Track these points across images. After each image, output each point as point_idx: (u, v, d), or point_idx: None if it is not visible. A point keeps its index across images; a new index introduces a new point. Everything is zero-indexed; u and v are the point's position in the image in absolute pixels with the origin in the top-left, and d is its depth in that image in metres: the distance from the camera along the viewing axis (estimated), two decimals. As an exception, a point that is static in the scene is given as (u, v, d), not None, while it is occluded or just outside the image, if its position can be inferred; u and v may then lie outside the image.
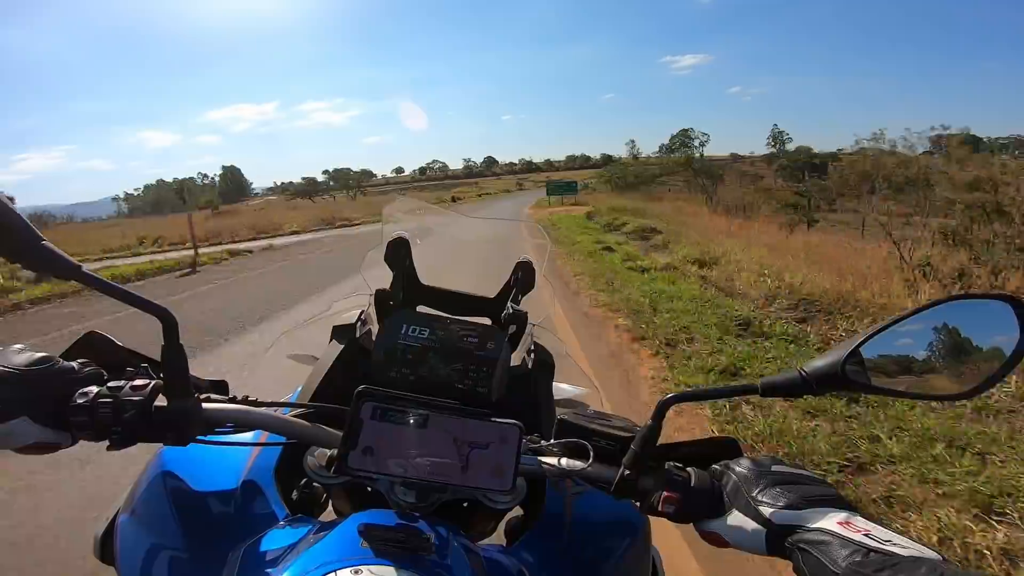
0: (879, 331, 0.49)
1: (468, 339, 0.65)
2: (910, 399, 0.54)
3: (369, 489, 0.62)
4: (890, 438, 2.49)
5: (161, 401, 0.51)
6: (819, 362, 0.50)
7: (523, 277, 0.80)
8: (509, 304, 0.78)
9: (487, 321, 0.79)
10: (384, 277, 0.78)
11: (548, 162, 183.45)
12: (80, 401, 0.49)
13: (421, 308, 0.80)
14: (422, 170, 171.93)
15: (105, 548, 0.65)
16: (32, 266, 0.47)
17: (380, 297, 0.74)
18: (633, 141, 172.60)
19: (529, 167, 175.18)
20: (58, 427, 0.50)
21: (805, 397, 0.54)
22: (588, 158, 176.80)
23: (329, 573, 0.41)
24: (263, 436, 0.63)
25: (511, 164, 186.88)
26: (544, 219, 18.52)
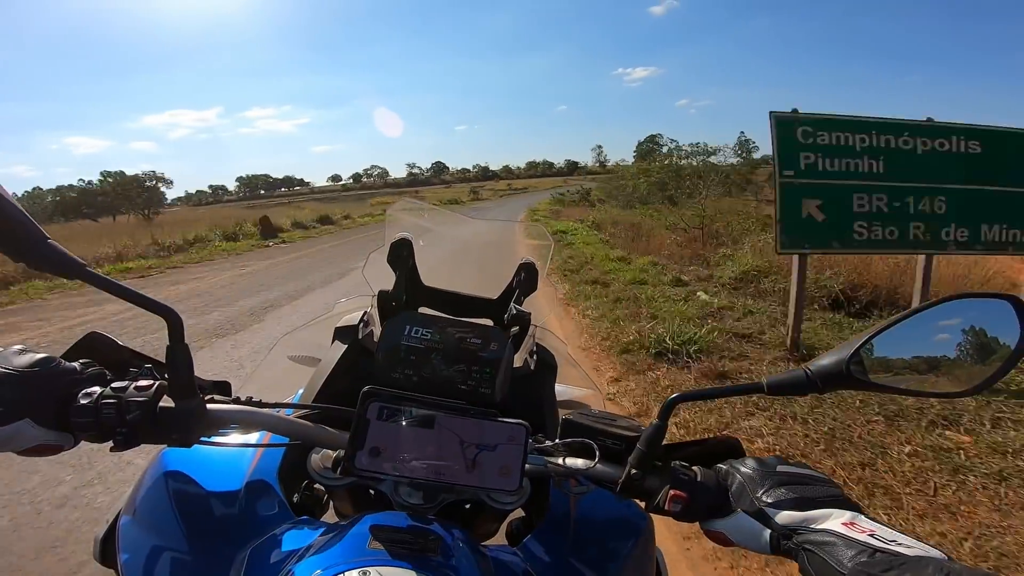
0: (883, 329, 0.49)
1: (471, 340, 0.65)
2: (913, 396, 0.55)
3: (372, 491, 0.62)
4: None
5: (166, 402, 0.50)
6: (824, 360, 0.51)
7: (526, 279, 0.80)
8: (512, 305, 0.78)
9: (489, 322, 0.79)
10: (386, 278, 0.78)
11: (507, 169, 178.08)
12: (83, 402, 0.49)
13: (423, 309, 0.80)
14: (356, 177, 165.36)
15: (106, 551, 0.65)
16: (37, 265, 0.47)
17: (383, 298, 0.74)
18: (600, 147, 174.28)
19: (485, 174, 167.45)
20: (60, 428, 0.49)
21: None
22: (551, 164, 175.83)
23: (337, 574, 0.40)
24: (266, 437, 0.62)
25: (464, 171, 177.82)
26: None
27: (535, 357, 0.74)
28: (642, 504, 0.56)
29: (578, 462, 0.55)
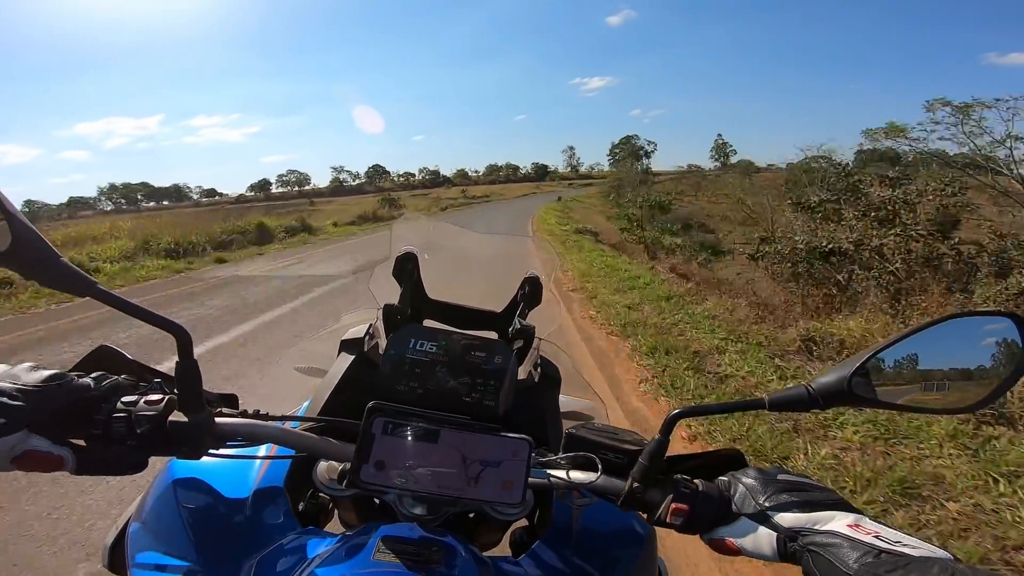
0: (885, 347, 0.50)
1: (475, 353, 0.66)
2: (916, 413, 0.55)
3: (376, 501, 0.63)
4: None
5: (175, 416, 0.51)
6: (825, 378, 0.51)
7: (530, 292, 0.81)
8: (516, 319, 0.79)
9: (494, 335, 0.80)
10: (392, 292, 0.79)
11: (463, 173, 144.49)
12: (95, 416, 0.50)
13: (428, 322, 0.80)
14: (262, 185, 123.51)
15: (114, 558, 0.65)
16: (50, 283, 0.48)
17: (388, 311, 0.75)
18: (572, 148, 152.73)
19: (435, 180, 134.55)
20: (68, 441, 0.50)
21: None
22: (516, 168, 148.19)
23: None
24: (272, 448, 0.63)
25: (407, 175, 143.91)
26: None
27: (539, 370, 0.74)
28: (644, 516, 0.57)
29: (581, 475, 0.56)
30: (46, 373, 0.50)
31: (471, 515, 0.64)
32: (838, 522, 0.45)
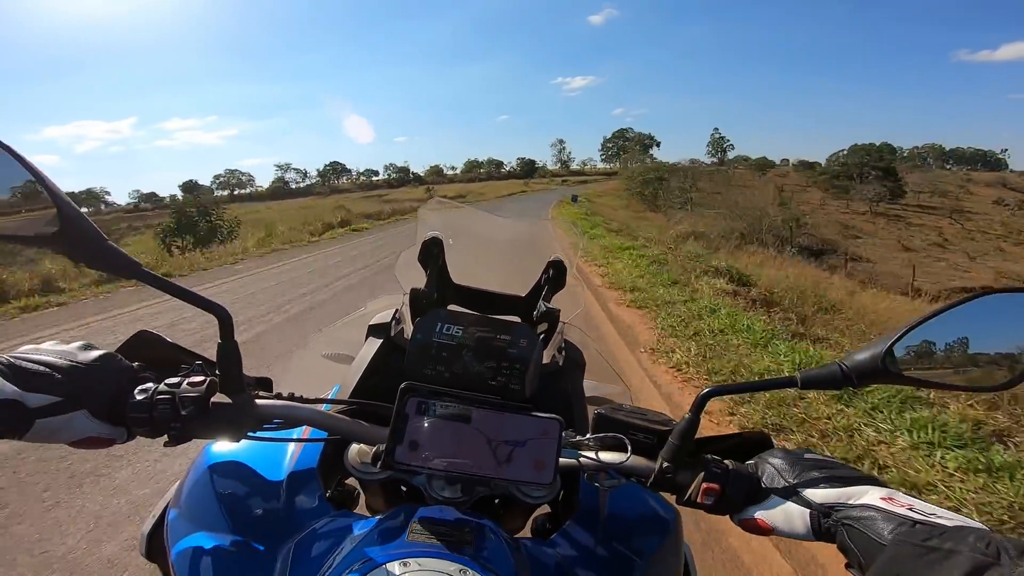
0: (916, 325, 0.50)
1: (500, 337, 0.66)
2: (948, 390, 0.55)
3: (403, 487, 0.64)
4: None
5: (217, 398, 0.52)
6: (859, 356, 0.51)
7: (554, 276, 0.81)
8: (541, 302, 0.79)
9: (518, 319, 0.81)
10: (416, 277, 0.80)
11: (436, 171, 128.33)
12: (139, 398, 0.51)
13: (453, 307, 0.81)
14: (189, 187, 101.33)
15: (152, 546, 0.67)
16: (97, 266, 0.49)
17: (414, 296, 0.76)
18: (562, 142, 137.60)
19: (403, 178, 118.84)
20: (115, 422, 0.51)
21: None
22: (500, 164, 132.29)
23: (379, 566, 0.42)
24: (305, 432, 0.64)
25: (368, 173, 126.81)
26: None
27: (563, 353, 0.75)
28: (672, 497, 0.58)
29: (610, 456, 0.56)
30: (97, 352, 0.51)
31: (496, 500, 0.65)
32: (871, 496, 0.45)
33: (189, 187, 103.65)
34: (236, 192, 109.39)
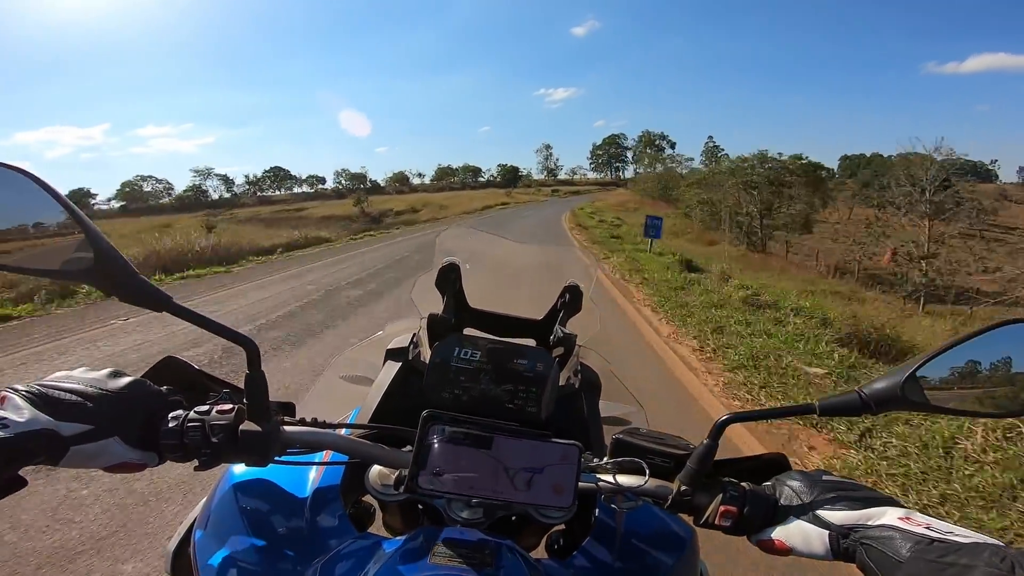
0: (937, 354, 0.50)
1: (517, 361, 0.67)
2: (969, 417, 0.56)
3: (420, 506, 0.65)
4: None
5: (245, 425, 0.53)
6: (878, 384, 0.52)
7: (570, 300, 0.82)
8: (557, 327, 0.80)
9: (533, 342, 0.82)
10: (433, 301, 0.81)
11: (400, 178, 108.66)
12: (171, 425, 0.52)
13: (470, 330, 0.82)
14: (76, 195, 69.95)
15: (177, 564, 0.68)
16: (129, 299, 0.50)
17: (432, 320, 0.77)
18: (549, 147, 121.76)
19: (354, 186, 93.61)
20: (147, 447, 0.53)
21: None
22: (477, 171, 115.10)
23: None
24: (326, 455, 0.65)
25: (314, 179, 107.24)
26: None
27: (579, 376, 0.76)
28: (690, 519, 0.58)
29: (629, 479, 0.57)
30: (126, 380, 0.53)
31: (513, 518, 0.66)
32: (889, 516, 0.46)
33: (78, 196, 75.36)
34: (133, 206, 79.92)
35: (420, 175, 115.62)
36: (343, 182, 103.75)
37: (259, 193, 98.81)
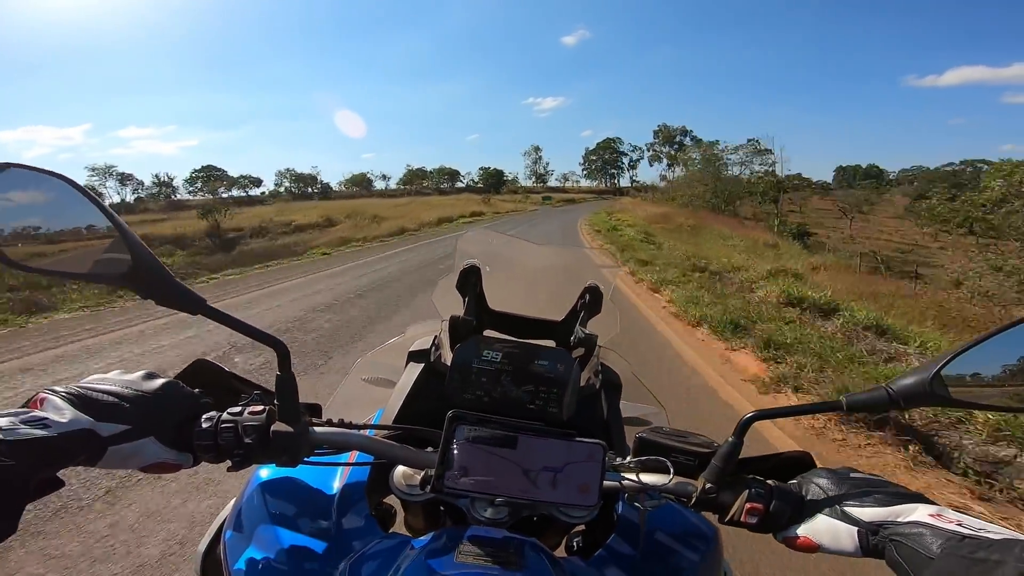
0: (964, 351, 0.51)
1: (538, 362, 0.68)
2: (997, 412, 0.56)
3: (442, 506, 0.66)
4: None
5: (276, 426, 0.55)
6: (906, 380, 0.52)
7: (590, 301, 0.83)
8: (577, 328, 0.81)
9: (554, 344, 0.82)
10: (453, 303, 0.82)
11: (359, 180, 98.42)
12: (205, 426, 0.54)
13: (491, 332, 0.83)
14: None
15: (207, 564, 0.69)
16: (165, 302, 0.52)
17: (453, 323, 0.78)
18: (538, 150, 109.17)
19: (302, 191, 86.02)
20: (181, 448, 0.54)
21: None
22: (454, 174, 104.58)
23: None
24: (352, 455, 0.66)
25: (246, 180, 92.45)
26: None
27: (600, 376, 0.76)
28: (714, 517, 0.58)
29: (653, 478, 0.57)
30: (160, 381, 0.54)
31: (535, 518, 0.66)
32: (919, 513, 0.46)
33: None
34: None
35: (385, 177, 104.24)
36: (287, 184, 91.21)
37: (174, 197, 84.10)
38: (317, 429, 0.58)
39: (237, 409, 0.55)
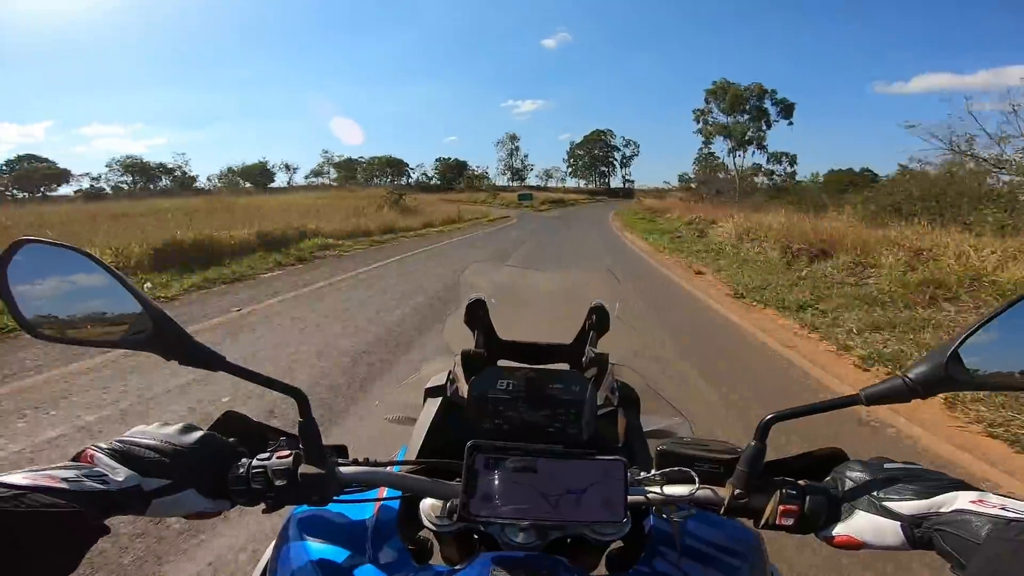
0: (976, 330, 0.49)
1: (553, 386, 0.68)
2: (1016, 391, 0.55)
3: (476, 536, 0.66)
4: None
5: (303, 468, 0.57)
6: (921, 367, 0.51)
7: (598, 320, 0.84)
8: (588, 348, 0.81)
9: (567, 366, 0.83)
10: (464, 338, 0.83)
11: (260, 170, 78.85)
12: (238, 473, 0.56)
13: (503, 361, 0.84)
14: None
15: None
16: (187, 362, 0.55)
17: (465, 356, 0.79)
18: (514, 139, 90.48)
19: (184, 183, 67.53)
20: (218, 496, 0.57)
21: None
22: (401, 163, 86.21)
23: None
24: (381, 491, 0.67)
25: (66, 173, 69.42)
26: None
27: (616, 393, 0.76)
28: (750, 522, 0.57)
29: (678, 489, 0.57)
30: (197, 434, 0.57)
31: (568, 540, 0.66)
32: (961, 501, 0.45)
33: None
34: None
35: (293, 169, 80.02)
36: (133, 177, 65.62)
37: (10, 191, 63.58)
38: (344, 468, 0.60)
39: (266, 455, 0.57)
